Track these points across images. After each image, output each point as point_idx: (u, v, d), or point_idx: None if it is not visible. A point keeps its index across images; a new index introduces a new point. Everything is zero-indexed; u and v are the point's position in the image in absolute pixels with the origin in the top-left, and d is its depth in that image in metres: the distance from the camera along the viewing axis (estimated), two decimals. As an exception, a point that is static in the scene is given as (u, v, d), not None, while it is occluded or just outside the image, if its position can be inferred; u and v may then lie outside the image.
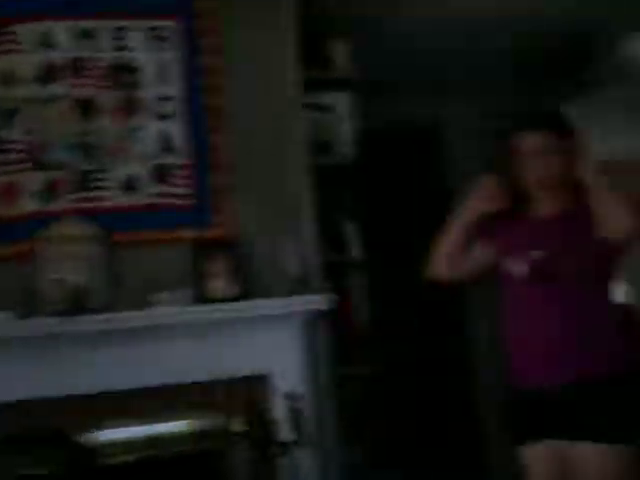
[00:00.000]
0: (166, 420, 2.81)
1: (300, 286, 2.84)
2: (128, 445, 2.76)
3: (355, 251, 3.35)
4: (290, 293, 2.82)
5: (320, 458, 2.87)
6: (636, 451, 2.15)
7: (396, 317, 4.24)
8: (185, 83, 3.04)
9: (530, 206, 2.41)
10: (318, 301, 2.84)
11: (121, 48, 3.03)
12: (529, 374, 2.26)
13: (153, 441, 2.77)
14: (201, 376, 2.81)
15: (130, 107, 2.98)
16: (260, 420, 2.77)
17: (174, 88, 3.03)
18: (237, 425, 2.85)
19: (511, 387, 2.35)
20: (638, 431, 2.16)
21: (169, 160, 2.97)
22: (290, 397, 2.59)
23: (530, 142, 2.29)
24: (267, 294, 2.86)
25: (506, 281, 2.33)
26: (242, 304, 2.80)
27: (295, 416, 2.59)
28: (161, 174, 2.96)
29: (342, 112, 3.30)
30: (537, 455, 2.30)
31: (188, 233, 2.95)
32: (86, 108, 2.95)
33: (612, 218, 2.11)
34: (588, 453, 2.16)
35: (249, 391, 2.87)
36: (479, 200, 2.35)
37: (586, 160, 2.21)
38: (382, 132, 3.99)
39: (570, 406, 2.18)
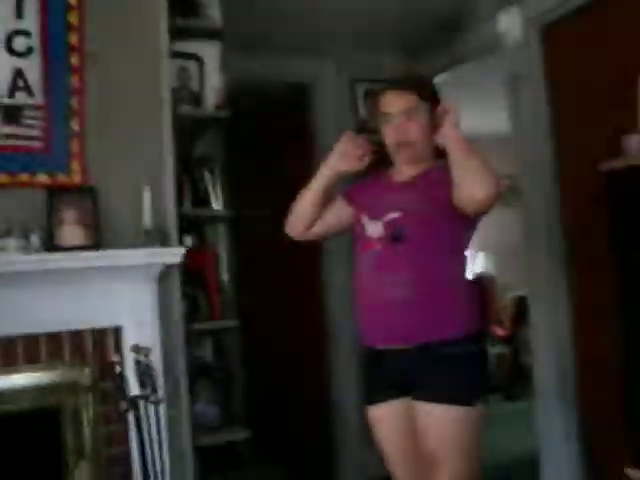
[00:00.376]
0: (9, 373, 2.67)
1: (156, 238, 2.77)
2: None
3: (219, 205, 3.30)
4: (145, 245, 2.74)
5: (172, 413, 2.84)
6: (476, 411, 2.24)
7: (258, 273, 4.24)
8: (44, 19, 2.84)
9: (391, 168, 2.44)
10: (173, 254, 2.78)
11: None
12: (374, 335, 2.30)
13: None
14: (50, 327, 2.69)
15: (-20, 40, 2.77)
16: (110, 374, 2.69)
17: (32, 23, 2.84)
18: (86, 379, 2.77)
19: (363, 348, 2.39)
20: (474, 393, 2.24)
21: (22, 100, 2.79)
22: (137, 350, 2.52)
23: (390, 102, 2.30)
24: (122, 245, 2.77)
25: (360, 242, 2.35)
26: (94, 253, 2.70)
27: (144, 370, 2.53)
28: (13, 114, 2.78)
29: (211, 63, 3.21)
30: (382, 414, 2.35)
31: (41, 178, 2.80)
32: None
33: (470, 185, 2.13)
34: (429, 413, 2.22)
35: (100, 344, 2.79)
36: (337, 159, 2.35)
37: (449, 126, 2.23)
38: (252, 86, 3.92)
39: (411, 368, 2.23)
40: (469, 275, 6.73)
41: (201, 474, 2.94)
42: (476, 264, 7.38)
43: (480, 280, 6.93)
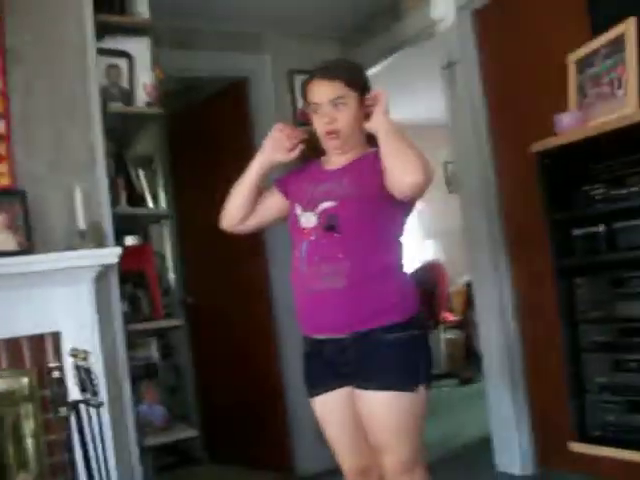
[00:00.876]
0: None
1: (91, 239, 2.72)
2: None
3: (157, 204, 3.26)
4: (78, 247, 2.69)
5: (115, 416, 2.79)
6: (419, 396, 2.23)
7: (206, 271, 4.20)
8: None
9: (323, 157, 2.42)
10: (109, 255, 2.73)
11: None
12: (312, 325, 2.28)
13: None
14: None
15: None
16: (49, 380, 2.64)
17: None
18: (26, 388, 2.70)
19: (303, 339, 2.38)
20: (416, 378, 2.24)
21: (-57, 103, 2.72)
22: (76, 354, 2.48)
23: (317, 91, 2.28)
24: (56, 248, 2.71)
25: (294, 233, 2.33)
26: (25, 258, 2.63)
27: (84, 374, 2.48)
28: None
29: (141, 60, 3.15)
30: (325, 405, 2.34)
31: (-33, 183, 2.73)
32: None
33: (399, 170, 2.12)
34: (372, 400, 2.21)
35: (38, 350, 2.72)
36: (269, 151, 2.33)
37: (378, 113, 2.22)
38: (187, 82, 3.88)
39: (351, 357, 2.22)
40: (420, 262, 6.71)
41: (149, 474, 2.90)
42: (426, 251, 7.42)
43: (430, 267, 6.97)
